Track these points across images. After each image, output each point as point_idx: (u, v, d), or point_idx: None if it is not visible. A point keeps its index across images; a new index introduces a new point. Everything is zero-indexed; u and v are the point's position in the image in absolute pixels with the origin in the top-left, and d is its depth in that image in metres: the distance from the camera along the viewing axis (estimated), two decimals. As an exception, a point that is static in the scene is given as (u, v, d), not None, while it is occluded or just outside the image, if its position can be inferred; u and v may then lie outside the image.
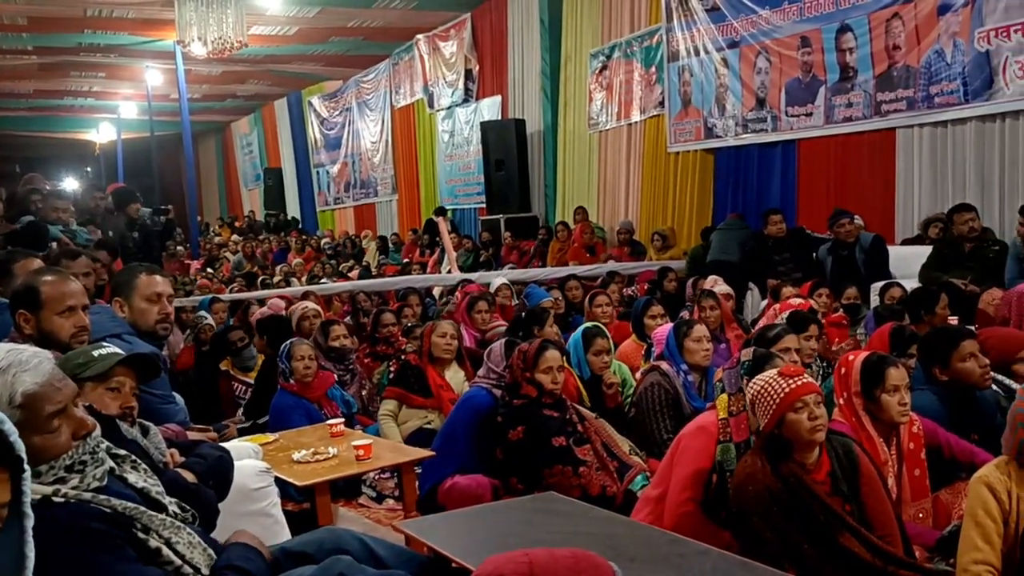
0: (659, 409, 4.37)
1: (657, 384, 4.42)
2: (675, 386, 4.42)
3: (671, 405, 4.38)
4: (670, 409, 4.37)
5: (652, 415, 4.37)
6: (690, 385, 4.46)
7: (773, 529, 2.67)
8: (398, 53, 17.01)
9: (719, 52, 10.07)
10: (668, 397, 4.39)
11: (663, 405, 4.38)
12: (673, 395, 4.40)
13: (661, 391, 4.40)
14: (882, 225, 8.36)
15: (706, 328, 4.68)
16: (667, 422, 4.34)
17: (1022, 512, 2.45)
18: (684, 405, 4.38)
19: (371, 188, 18.81)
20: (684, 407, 4.37)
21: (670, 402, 4.38)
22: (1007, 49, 7.21)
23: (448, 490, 4.14)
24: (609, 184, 12.20)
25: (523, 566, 1.60)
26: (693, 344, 4.51)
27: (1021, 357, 3.88)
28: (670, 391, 4.40)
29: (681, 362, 4.51)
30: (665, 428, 4.33)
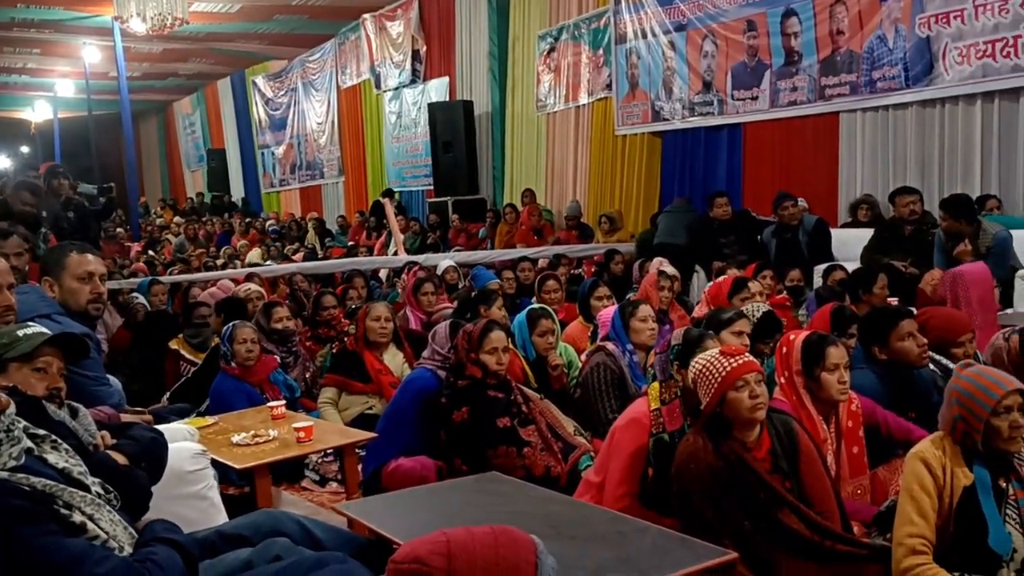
0: (604, 389, 4.38)
1: (603, 364, 4.42)
2: (620, 366, 4.43)
3: (616, 385, 4.39)
4: (615, 389, 4.38)
5: (597, 395, 4.38)
6: (635, 365, 4.47)
7: (714, 507, 2.68)
8: (344, 33, 16.78)
9: (666, 35, 10.09)
10: (613, 377, 4.40)
11: (608, 385, 4.38)
12: (618, 375, 4.40)
13: (607, 371, 4.41)
14: (825, 208, 8.47)
15: (651, 308, 4.68)
16: (612, 402, 4.35)
17: (956, 486, 2.49)
18: (629, 385, 4.40)
19: (317, 170, 18.58)
20: (629, 387, 4.39)
21: (615, 382, 4.39)
22: (947, 35, 7.33)
23: (392, 472, 4.10)
24: (557, 167, 12.19)
25: (440, 545, 1.59)
26: (639, 324, 4.52)
27: (962, 341, 3.93)
28: (615, 371, 4.41)
29: (627, 342, 4.52)
30: (610, 408, 4.33)
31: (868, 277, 5.45)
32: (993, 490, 2.49)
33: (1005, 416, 2.47)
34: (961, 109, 7.43)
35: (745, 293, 5.29)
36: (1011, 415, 2.46)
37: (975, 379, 2.54)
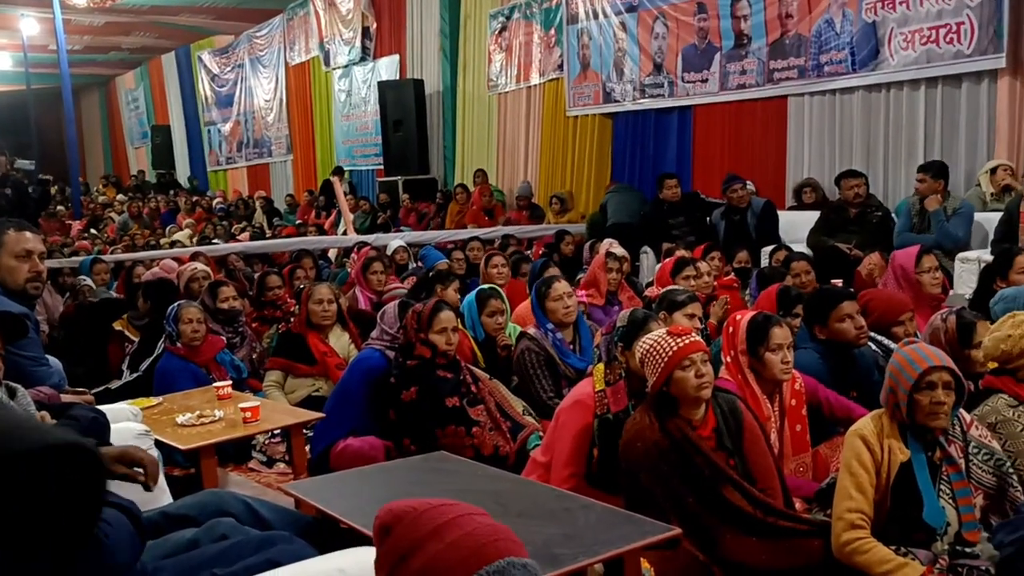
0: (535, 372, 4.43)
1: (527, 349, 4.48)
2: (545, 347, 4.47)
3: (546, 365, 4.44)
4: (545, 369, 4.43)
5: (531, 379, 4.43)
6: (560, 343, 4.50)
7: (660, 484, 2.71)
8: (292, 8, 16.52)
9: (617, 16, 10.10)
10: (540, 359, 4.44)
11: (538, 367, 4.43)
12: (545, 356, 4.45)
13: (532, 355, 4.46)
14: (773, 190, 8.58)
15: (567, 284, 4.70)
16: (545, 382, 4.40)
17: (892, 462, 2.55)
18: (559, 364, 4.45)
19: (265, 148, 18.31)
20: (559, 365, 4.44)
21: (543, 363, 4.44)
22: (892, 21, 7.44)
23: (340, 452, 4.08)
24: (508, 147, 12.17)
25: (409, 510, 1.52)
26: (553, 303, 4.54)
27: (902, 320, 4.02)
28: (541, 352, 4.46)
29: (546, 321, 4.54)
30: (545, 388, 4.39)
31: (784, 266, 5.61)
32: (928, 466, 2.56)
33: (927, 392, 2.53)
34: (905, 94, 7.56)
35: (687, 272, 5.34)
36: (934, 391, 2.52)
37: (905, 353, 2.60)
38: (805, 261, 5.76)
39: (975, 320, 3.43)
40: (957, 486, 2.56)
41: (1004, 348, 2.94)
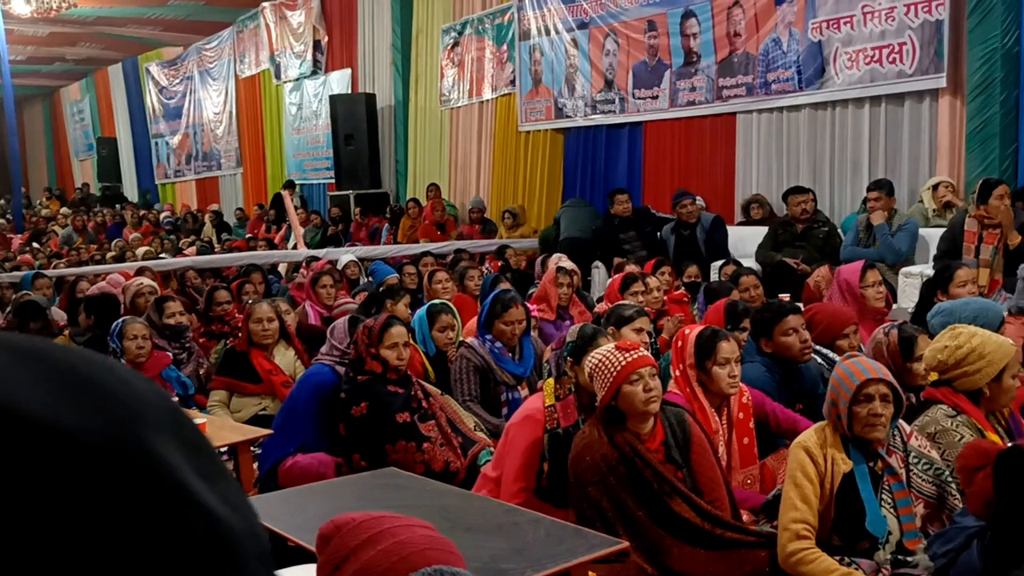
0: (462, 375, 4.51)
1: (462, 356, 4.55)
2: (482, 355, 4.51)
3: (476, 372, 4.50)
4: (474, 375, 4.50)
5: (456, 382, 4.51)
6: (499, 350, 4.53)
7: (609, 496, 2.73)
8: (242, 20, 16.39)
9: (569, 33, 10.18)
10: (472, 365, 4.51)
11: (467, 372, 4.50)
12: (479, 363, 4.50)
13: (464, 361, 4.53)
14: (723, 206, 8.69)
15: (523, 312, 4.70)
16: (467, 386, 4.48)
17: (836, 473, 2.59)
18: (495, 371, 4.49)
19: (214, 161, 18.10)
20: (495, 373, 4.49)
21: (473, 369, 4.51)
22: (837, 40, 7.59)
23: (288, 469, 4.03)
24: (460, 161, 12.17)
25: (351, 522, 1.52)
26: (503, 326, 4.56)
27: (846, 334, 4.09)
28: (473, 360, 4.51)
29: (486, 333, 4.59)
30: (462, 391, 4.47)
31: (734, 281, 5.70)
32: (870, 476, 2.61)
33: (865, 404, 2.58)
34: (851, 112, 7.72)
35: (635, 288, 5.39)
36: (871, 403, 2.57)
37: (845, 367, 2.65)
38: (753, 276, 5.84)
39: (916, 334, 3.50)
40: (898, 496, 2.60)
41: (940, 359, 3.00)
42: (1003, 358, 2.89)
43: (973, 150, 6.77)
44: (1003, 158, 6.66)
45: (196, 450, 0.49)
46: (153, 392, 0.49)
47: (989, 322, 3.82)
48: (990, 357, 2.89)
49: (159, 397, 0.49)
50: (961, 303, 4.21)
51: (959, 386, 2.94)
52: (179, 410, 0.51)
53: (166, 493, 0.45)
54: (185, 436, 0.48)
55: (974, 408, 2.91)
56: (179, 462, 0.46)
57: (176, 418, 0.49)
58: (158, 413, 0.47)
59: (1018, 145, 6.68)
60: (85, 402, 0.44)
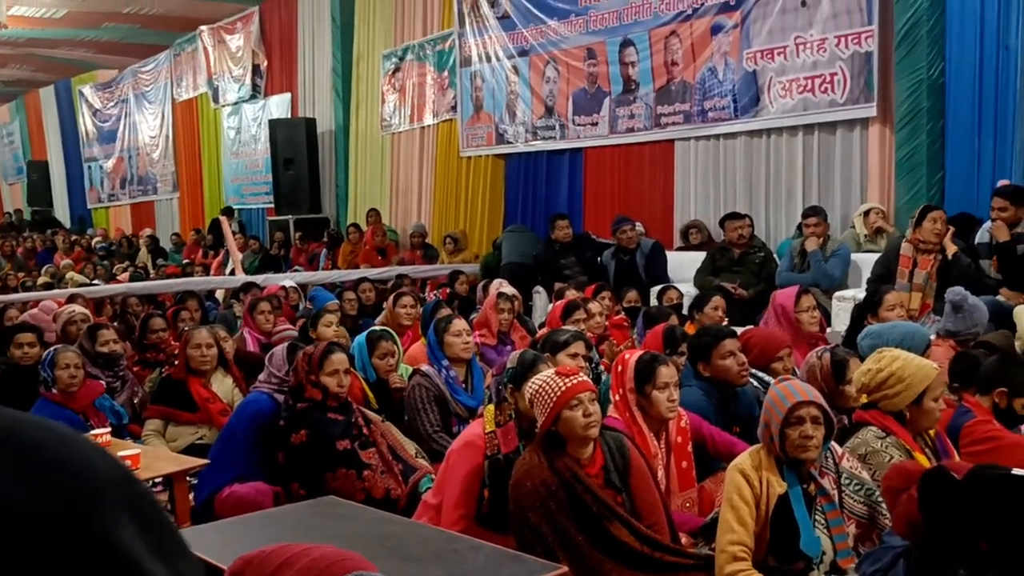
0: (423, 406, 4.45)
1: (419, 385, 4.49)
2: (437, 384, 4.48)
3: (435, 401, 4.46)
4: (434, 405, 4.45)
5: (417, 412, 4.44)
6: (453, 380, 4.52)
7: (549, 522, 2.73)
8: (180, 44, 16.21)
9: (510, 60, 10.27)
10: (431, 395, 4.46)
11: (427, 402, 4.45)
12: (436, 393, 4.46)
13: (423, 390, 4.48)
14: (662, 231, 8.80)
15: (464, 324, 4.74)
16: (432, 416, 4.42)
17: (771, 494, 2.64)
18: (449, 401, 4.46)
19: (150, 185, 17.80)
20: (449, 403, 4.46)
21: (433, 399, 4.46)
22: (771, 70, 7.78)
23: (225, 499, 3.96)
24: (402, 186, 12.16)
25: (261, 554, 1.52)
26: (452, 338, 4.57)
27: (780, 356, 4.17)
28: (432, 389, 4.47)
29: (442, 357, 4.56)
30: (431, 422, 4.41)
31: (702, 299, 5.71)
32: (804, 497, 2.65)
33: (796, 426, 2.63)
34: (785, 140, 7.90)
35: (577, 315, 5.42)
36: (802, 425, 2.63)
37: (778, 390, 2.71)
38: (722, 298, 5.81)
39: (847, 357, 3.58)
40: (831, 516, 2.66)
41: (864, 381, 3.09)
42: (922, 381, 2.97)
43: (902, 177, 6.98)
44: (930, 185, 6.87)
45: (154, 527, 0.48)
46: (114, 470, 0.48)
47: (916, 345, 3.94)
48: (909, 380, 2.98)
49: (120, 475, 0.48)
50: (889, 326, 4.34)
51: (884, 408, 3.03)
52: (139, 487, 0.50)
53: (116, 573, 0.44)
54: (143, 514, 0.48)
55: (902, 429, 2.99)
56: (133, 541, 0.46)
57: (135, 495, 0.49)
58: (117, 491, 0.47)
59: (944, 172, 6.90)
60: (42, 483, 0.44)
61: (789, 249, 6.96)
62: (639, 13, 8.83)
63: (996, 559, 1.58)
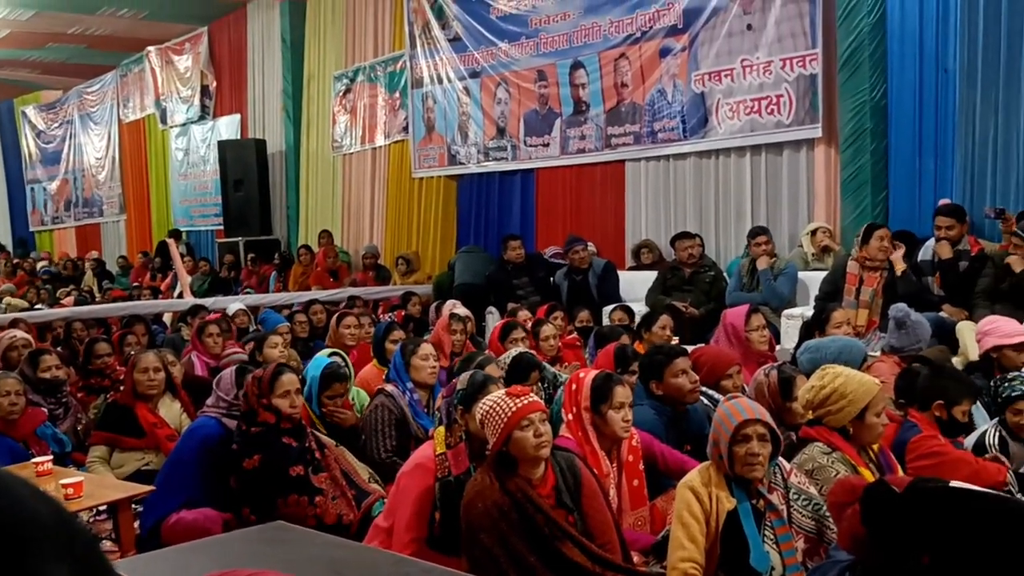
0: (380, 428, 4.39)
1: (381, 405, 4.44)
2: (401, 406, 4.44)
3: (395, 425, 4.40)
4: (392, 428, 4.39)
5: (373, 433, 4.37)
6: (416, 403, 4.49)
7: (500, 543, 2.72)
8: (126, 64, 16.03)
9: (461, 81, 10.30)
10: (392, 417, 4.40)
11: (385, 424, 4.40)
12: (399, 415, 4.41)
13: (385, 411, 4.42)
14: (613, 251, 8.87)
15: (432, 347, 4.71)
16: (387, 441, 4.36)
17: (720, 511, 2.66)
18: (411, 424, 4.42)
19: (96, 207, 17.51)
20: (411, 426, 4.41)
21: (394, 422, 4.40)
22: (718, 92, 7.90)
23: (172, 526, 3.87)
24: (354, 208, 12.11)
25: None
26: (420, 361, 4.54)
27: (730, 374, 4.21)
28: (395, 411, 4.42)
29: (407, 380, 4.53)
30: (384, 447, 4.35)
31: (650, 318, 5.75)
32: (753, 513, 2.68)
33: (743, 443, 2.66)
34: (733, 160, 8.02)
35: (515, 335, 5.42)
36: (749, 443, 2.66)
37: (726, 408, 2.73)
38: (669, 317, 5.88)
39: (794, 374, 3.63)
40: (779, 531, 2.68)
41: (808, 398, 3.13)
42: (864, 397, 3.03)
43: (847, 196, 7.11)
44: (875, 204, 7.01)
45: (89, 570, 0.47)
46: (48, 511, 0.47)
47: (852, 359, 4.04)
48: (851, 396, 3.03)
49: (54, 517, 0.47)
50: (827, 341, 4.43)
51: (828, 424, 3.07)
52: (75, 527, 0.49)
53: None
54: (79, 556, 0.46)
55: (847, 445, 3.03)
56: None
57: (70, 537, 0.47)
58: (51, 534, 0.45)
59: (888, 192, 7.05)
60: None
61: (738, 268, 7.05)
62: (589, 36, 8.92)
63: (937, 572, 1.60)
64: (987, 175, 6.47)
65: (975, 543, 1.59)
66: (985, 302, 5.46)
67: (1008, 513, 1.62)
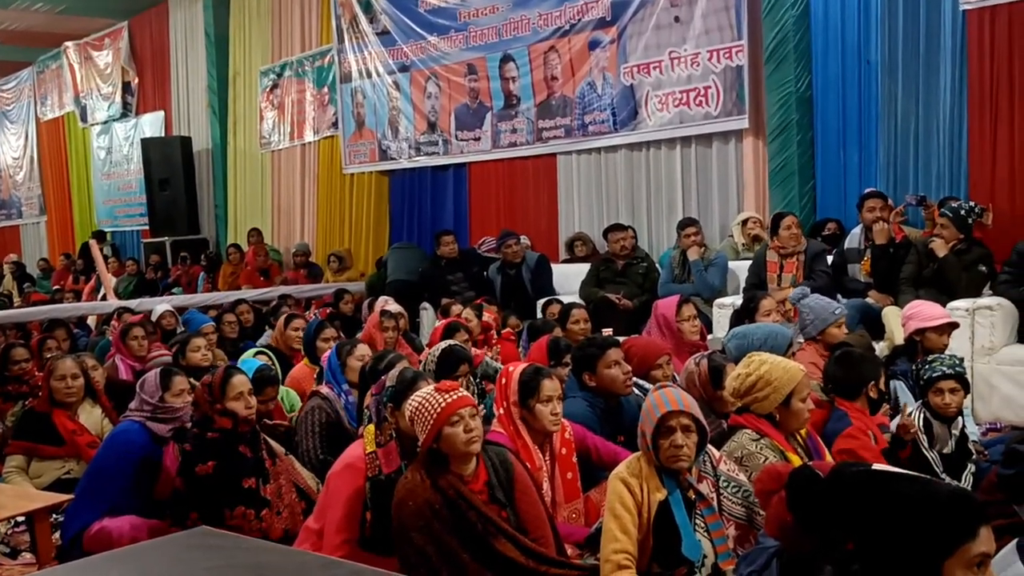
0: (314, 431, 4.28)
1: (317, 408, 4.33)
2: (336, 409, 4.34)
3: (330, 427, 4.30)
4: (326, 430, 4.29)
5: (305, 436, 4.27)
6: (351, 405, 4.39)
7: (433, 541, 2.68)
8: (43, 61, 15.55)
9: (390, 75, 10.20)
10: (327, 420, 4.30)
11: (319, 427, 4.29)
12: (333, 417, 4.31)
13: (321, 414, 4.31)
14: (547, 244, 8.87)
15: (368, 348, 4.63)
16: (318, 442, 4.25)
17: (652, 501, 2.65)
18: (346, 427, 4.32)
19: (14, 208, 16.98)
20: (347, 428, 4.31)
21: (329, 423, 4.30)
22: (648, 84, 7.95)
23: (95, 535, 3.73)
24: (284, 205, 11.92)
25: None
26: (355, 362, 4.45)
27: (659, 364, 4.22)
28: (330, 414, 4.32)
29: (343, 381, 4.44)
30: (315, 448, 4.24)
31: (567, 313, 5.79)
32: (684, 502, 2.68)
33: (667, 435, 2.66)
34: (663, 152, 8.07)
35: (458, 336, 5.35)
36: (673, 435, 2.66)
37: (652, 398, 2.73)
38: (583, 310, 5.93)
39: (724, 363, 3.65)
40: (710, 520, 2.69)
41: (734, 386, 3.15)
42: (789, 383, 3.05)
43: (775, 187, 7.22)
44: (802, 194, 7.13)
45: None
46: None
47: (778, 344, 4.10)
48: (776, 384, 3.05)
49: None
50: (754, 327, 4.48)
51: (755, 411, 3.09)
52: None
53: None
54: None
55: (775, 431, 3.06)
56: None
57: None
58: None
59: (815, 182, 7.17)
60: None
61: (669, 260, 7.10)
62: (518, 29, 8.90)
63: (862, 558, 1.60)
64: (909, 164, 6.63)
65: (895, 526, 1.60)
66: (910, 288, 5.57)
67: (927, 495, 1.63)
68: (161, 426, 4.03)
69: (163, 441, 3.98)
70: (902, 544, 1.57)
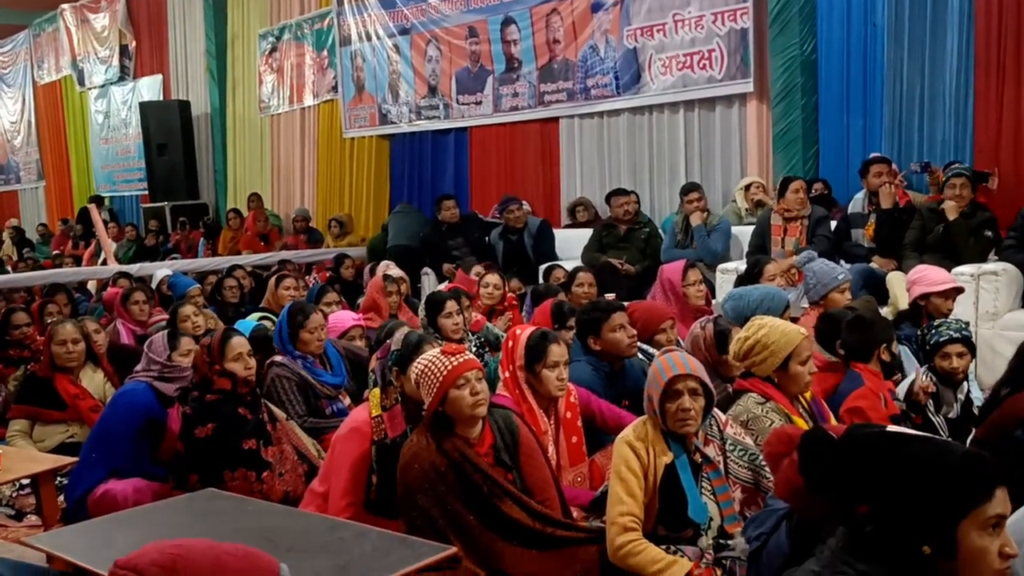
0: (288, 397, 4.27)
1: (278, 376, 4.30)
2: (297, 371, 4.32)
3: (298, 389, 4.30)
4: (298, 394, 4.29)
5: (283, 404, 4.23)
6: (311, 364, 4.37)
7: (439, 504, 2.69)
8: (39, 24, 15.39)
9: (391, 39, 10.10)
10: (292, 383, 4.29)
11: (290, 391, 4.28)
12: (298, 380, 4.30)
13: (284, 381, 4.30)
14: (548, 209, 8.83)
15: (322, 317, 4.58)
16: (299, 407, 4.26)
17: (658, 465, 2.65)
18: (314, 385, 4.32)
19: (12, 173, 16.89)
20: (315, 386, 4.32)
21: (295, 388, 4.29)
22: (651, 47, 7.86)
23: (100, 498, 3.74)
24: (283, 170, 11.86)
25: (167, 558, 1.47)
26: (308, 335, 4.39)
27: (663, 328, 4.22)
28: (293, 377, 4.30)
29: (293, 351, 4.38)
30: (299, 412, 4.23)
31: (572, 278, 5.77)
32: (690, 465, 2.68)
33: (674, 399, 2.65)
34: (666, 116, 8.01)
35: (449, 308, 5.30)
36: (680, 399, 2.65)
37: (659, 362, 2.72)
38: (589, 274, 5.90)
39: (730, 327, 3.64)
40: (716, 483, 2.69)
41: (735, 350, 3.15)
42: (787, 347, 3.04)
43: (779, 151, 7.17)
44: (806, 158, 7.09)
45: None
46: None
47: (774, 306, 4.09)
48: (773, 347, 3.05)
49: None
50: (750, 289, 4.47)
51: (756, 374, 3.09)
52: None
53: None
54: None
55: (780, 395, 3.05)
56: None
57: None
58: None
59: (819, 147, 7.12)
60: None
61: (672, 225, 7.07)
62: (520, -9, 8.80)
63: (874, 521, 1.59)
64: (914, 129, 6.58)
65: (909, 488, 1.59)
66: (913, 253, 5.55)
67: (941, 457, 1.62)
68: (168, 385, 4.03)
69: (169, 402, 3.98)
70: (916, 506, 1.57)
